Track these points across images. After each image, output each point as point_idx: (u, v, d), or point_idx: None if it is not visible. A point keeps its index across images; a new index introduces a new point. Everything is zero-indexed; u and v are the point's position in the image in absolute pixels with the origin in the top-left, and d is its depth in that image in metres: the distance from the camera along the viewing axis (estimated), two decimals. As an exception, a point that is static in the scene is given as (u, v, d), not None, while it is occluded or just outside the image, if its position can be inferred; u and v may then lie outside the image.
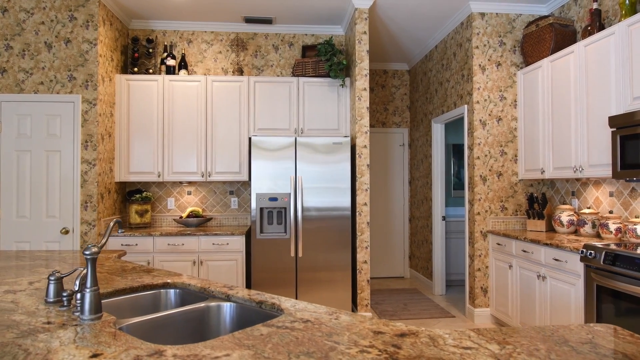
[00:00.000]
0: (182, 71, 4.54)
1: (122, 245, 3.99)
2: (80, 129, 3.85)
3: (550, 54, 3.84)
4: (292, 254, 4.04)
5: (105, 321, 1.33)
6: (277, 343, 1.16)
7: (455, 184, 6.59)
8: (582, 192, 3.84)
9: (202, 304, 1.65)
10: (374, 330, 1.27)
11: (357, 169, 4.15)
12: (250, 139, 4.59)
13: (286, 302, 1.56)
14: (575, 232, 3.79)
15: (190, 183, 4.73)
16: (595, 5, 3.40)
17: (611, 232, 3.26)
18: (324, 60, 4.43)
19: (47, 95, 3.83)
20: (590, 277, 2.82)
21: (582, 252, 2.87)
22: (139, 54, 4.42)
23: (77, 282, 1.40)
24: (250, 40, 4.86)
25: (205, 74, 4.69)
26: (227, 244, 4.09)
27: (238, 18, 4.60)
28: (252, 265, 4.01)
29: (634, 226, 3.05)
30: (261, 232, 4.04)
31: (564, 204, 4.10)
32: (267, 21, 4.65)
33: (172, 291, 1.90)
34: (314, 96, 4.51)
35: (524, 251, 3.60)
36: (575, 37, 3.90)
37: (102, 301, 1.73)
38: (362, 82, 4.14)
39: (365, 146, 4.15)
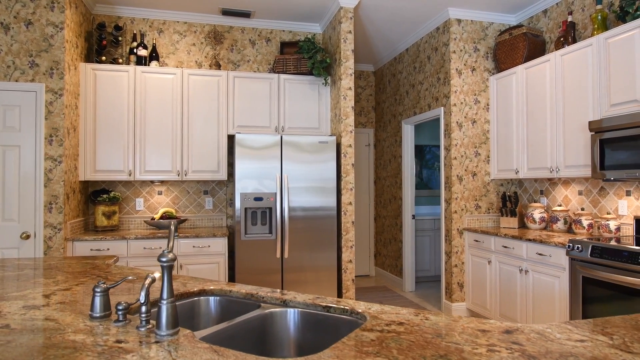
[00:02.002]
0: (154, 62, 4.24)
1: (91, 250, 3.63)
2: (43, 121, 3.44)
3: (524, 62, 4.10)
4: (278, 255, 3.93)
5: (186, 335, 1.19)
6: (399, 348, 1.10)
7: (418, 183, 6.81)
8: (551, 190, 4.14)
9: (265, 311, 1.53)
10: (478, 329, 1.25)
11: (342, 168, 4.13)
12: (231, 136, 4.39)
13: (357, 305, 1.50)
14: (546, 228, 4.07)
15: (162, 182, 4.42)
16: (570, 18, 3.68)
17: (584, 227, 3.55)
18: (307, 57, 4.36)
19: (4, 82, 3.38)
20: (576, 269, 3.04)
21: (568, 246, 3.08)
22: (106, 42, 4.05)
23: (143, 294, 1.24)
24: (226, 33, 4.65)
25: (177, 67, 4.41)
26: (209, 246, 3.88)
27: (214, 9, 4.38)
28: (236, 268, 3.84)
29: (607, 222, 3.33)
30: (245, 233, 3.88)
31: (532, 202, 4.38)
32: (246, 14, 4.48)
33: (211, 299, 1.76)
34: (295, 94, 4.43)
35: (505, 247, 3.80)
36: (544, 47, 4.19)
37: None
38: (348, 81, 4.14)
39: (350, 145, 4.14)
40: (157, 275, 1.32)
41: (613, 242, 2.89)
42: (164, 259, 1.18)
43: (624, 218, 3.39)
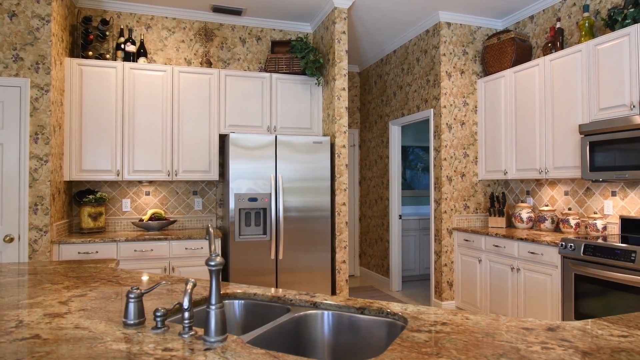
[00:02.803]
0: (142, 59, 4.10)
1: (78, 253, 3.48)
2: (28, 118, 3.27)
3: (512, 66, 4.22)
4: (273, 256, 3.88)
5: (235, 341, 1.15)
6: (457, 348, 1.11)
7: (402, 184, 6.89)
8: (537, 191, 4.28)
9: (299, 314, 1.51)
10: (521, 327, 1.27)
11: (336, 169, 4.13)
12: (222, 135, 4.31)
13: (391, 306, 1.50)
14: (533, 228, 4.20)
15: (150, 183, 4.29)
16: (558, 24, 3.81)
17: (572, 226, 3.68)
18: (299, 57, 4.33)
19: (-15, 76, 3.20)
20: (568, 267, 3.16)
21: (561, 245, 3.19)
22: (93, 37, 3.89)
23: (187, 299, 1.19)
24: (216, 30, 4.56)
25: (166, 64, 4.29)
26: (202, 248, 3.80)
27: (205, 6, 4.29)
28: (229, 269, 3.77)
29: (594, 221, 3.47)
30: (240, 234, 3.81)
31: (519, 202, 4.52)
32: (237, 12, 4.41)
33: (235, 302, 1.71)
34: (287, 93, 4.39)
35: (496, 246, 3.90)
36: (531, 52, 4.33)
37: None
38: (341, 81, 4.14)
39: (344, 146, 4.14)
40: (193, 280, 1.28)
41: (600, 240, 3.02)
42: (212, 263, 1.14)
43: (609, 217, 3.54)
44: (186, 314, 1.20)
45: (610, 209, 3.52)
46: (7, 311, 1.43)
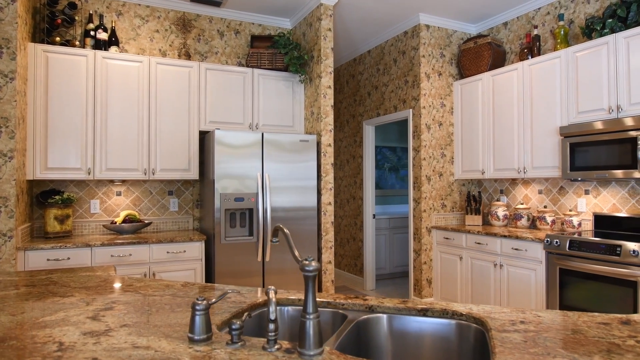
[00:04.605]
0: (113, 48, 3.79)
1: (47, 260, 3.13)
2: (-10, 109, 2.89)
3: (489, 69, 4.38)
4: (259, 258, 3.74)
5: (331, 352, 1.06)
6: (561, 346, 1.09)
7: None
8: (511, 190, 4.48)
9: (360, 318, 1.43)
10: (597, 322, 1.29)
11: (322, 168, 4.06)
12: (206, 132, 4.08)
13: (454, 306, 1.47)
14: (508, 225, 4.39)
15: (123, 182, 3.97)
16: (535, 32, 4.01)
17: (548, 223, 3.89)
18: (283, 53, 4.21)
19: (-64, 60, 2.78)
20: (553, 262, 3.32)
21: (546, 241, 3.35)
22: (61, 21, 3.52)
23: (272, 309, 1.08)
24: (193, 21, 4.32)
25: (139, 54, 3.99)
26: (184, 251, 3.57)
27: (182, -5, 4.05)
28: (215, 273, 3.58)
29: (570, 218, 3.69)
30: (225, 236, 3.63)
31: (493, 201, 4.70)
32: (216, 3, 4.20)
33: (283, 309, 1.60)
34: (270, 90, 4.26)
35: (478, 243, 4.02)
36: (505, 57, 4.52)
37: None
38: (327, 79, 4.08)
39: (330, 144, 4.09)
40: (273, 287, 1.16)
41: (577, 236, 3.20)
42: (309, 269, 1.04)
43: (582, 214, 3.78)
44: (271, 326, 1.09)
45: (584, 206, 3.76)
46: (33, 331, 1.23)
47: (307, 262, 1.05)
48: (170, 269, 3.51)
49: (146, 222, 3.91)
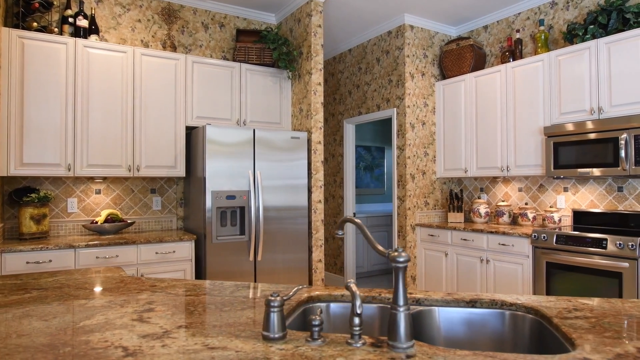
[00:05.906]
0: (93, 36, 3.56)
1: (27, 263, 2.89)
2: (-36, 98, 2.63)
3: (471, 71, 4.52)
4: (251, 257, 3.65)
5: (422, 345, 1.04)
6: (626, 330, 1.13)
7: (346, 182, 6.98)
8: (491, 188, 4.64)
9: (413, 311, 1.41)
10: (639, 308, 1.35)
11: (312, 165, 4.02)
12: (193, 128, 3.92)
13: (502, 297, 1.49)
14: (490, 222, 4.55)
15: (103, 179, 3.73)
16: (518, 35, 4.18)
17: (529, 219, 4.06)
18: (272, 48, 4.14)
19: None
20: (539, 256, 3.47)
21: (534, 236, 3.50)
22: (38, 5, 3.26)
23: (357, 303, 1.04)
24: (177, 12, 4.15)
25: (120, 44, 3.77)
26: (174, 251, 3.42)
27: (167, -16, 3.88)
28: (206, 274, 3.45)
29: (552, 214, 3.87)
30: (217, 235, 3.51)
31: (474, 198, 4.85)
32: (202, -6, 4.06)
33: (323, 305, 1.55)
34: (257, 85, 4.17)
35: (464, 239, 4.14)
36: (485, 59, 4.68)
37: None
38: (317, 76, 4.05)
39: (320, 142, 4.06)
40: (352, 280, 1.12)
41: (557, 230, 3.38)
42: (400, 259, 1.01)
43: (562, 211, 3.98)
44: (356, 320, 1.05)
45: (563, 203, 3.96)
46: (81, 336, 1.12)
47: (397, 254, 1.02)
48: (159, 270, 3.35)
49: (129, 221, 3.70)
